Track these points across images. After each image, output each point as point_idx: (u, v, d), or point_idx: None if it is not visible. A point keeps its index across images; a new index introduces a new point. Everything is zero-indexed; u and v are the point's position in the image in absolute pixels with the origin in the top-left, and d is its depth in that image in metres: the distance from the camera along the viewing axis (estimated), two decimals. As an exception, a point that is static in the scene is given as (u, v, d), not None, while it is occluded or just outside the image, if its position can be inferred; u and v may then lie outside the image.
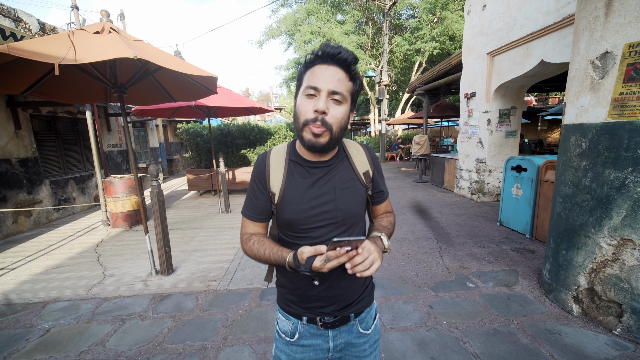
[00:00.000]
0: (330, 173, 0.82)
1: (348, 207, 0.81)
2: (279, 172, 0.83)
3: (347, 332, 0.87)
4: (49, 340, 2.05)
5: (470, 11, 5.53)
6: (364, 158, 0.88)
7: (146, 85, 3.19)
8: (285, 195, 0.81)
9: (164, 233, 2.81)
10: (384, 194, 0.93)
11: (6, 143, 4.44)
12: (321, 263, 0.64)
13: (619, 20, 1.77)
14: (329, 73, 0.71)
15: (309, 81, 0.72)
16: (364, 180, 0.85)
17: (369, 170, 0.87)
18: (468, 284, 2.63)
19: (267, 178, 0.83)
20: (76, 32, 2.13)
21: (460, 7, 13.03)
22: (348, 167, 0.85)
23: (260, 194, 0.84)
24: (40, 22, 4.56)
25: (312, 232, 0.79)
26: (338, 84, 0.71)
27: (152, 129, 10.14)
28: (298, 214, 0.79)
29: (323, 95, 0.70)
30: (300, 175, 0.81)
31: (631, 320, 1.86)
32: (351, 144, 0.89)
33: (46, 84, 2.68)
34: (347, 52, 0.71)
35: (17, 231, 4.51)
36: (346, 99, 0.73)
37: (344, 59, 0.71)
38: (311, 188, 0.80)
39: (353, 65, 0.73)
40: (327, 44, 0.72)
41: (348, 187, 0.82)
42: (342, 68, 0.72)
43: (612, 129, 1.86)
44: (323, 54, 0.71)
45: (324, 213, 0.79)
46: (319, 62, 0.72)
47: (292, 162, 0.84)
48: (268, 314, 2.26)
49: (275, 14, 16.68)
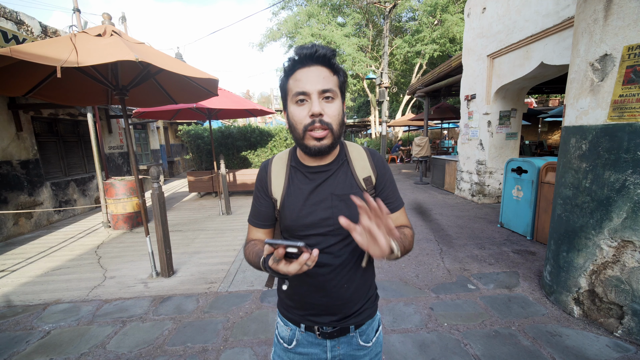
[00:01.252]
0: (329, 179, 0.80)
1: (345, 215, 0.77)
2: (281, 178, 0.83)
3: (347, 344, 0.85)
4: (49, 342, 2.04)
5: (470, 14, 5.55)
6: (365, 163, 0.83)
7: (147, 87, 3.20)
8: (285, 202, 0.81)
9: (164, 235, 2.81)
10: (391, 204, 0.83)
11: (7, 145, 4.45)
12: (273, 263, 0.60)
13: (618, 22, 1.78)
14: (312, 74, 0.69)
15: (295, 88, 0.70)
16: (364, 186, 0.81)
17: (370, 176, 0.82)
18: (469, 285, 2.63)
19: (269, 185, 0.83)
20: (78, 35, 2.15)
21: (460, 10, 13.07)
22: (348, 172, 0.81)
23: (263, 200, 0.85)
24: (42, 25, 4.59)
25: (310, 239, 0.78)
26: (325, 82, 0.69)
27: (153, 131, 10.16)
28: (296, 220, 0.79)
29: (314, 97, 0.69)
30: (300, 182, 0.81)
31: (632, 322, 1.85)
32: (354, 147, 0.86)
33: (48, 87, 2.70)
34: (324, 48, 0.69)
35: (18, 233, 4.52)
36: (336, 94, 0.72)
37: (322, 55, 0.69)
38: (310, 194, 0.79)
39: (333, 59, 0.70)
40: (300, 47, 0.70)
41: (347, 194, 0.78)
42: (323, 65, 0.70)
43: (612, 130, 1.86)
44: (300, 57, 0.69)
45: (321, 220, 0.77)
46: (298, 66, 0.70)
47: (292, 168, 0.83)
48: (269, 316, 2.26)
49: (276, 16, 16.77)
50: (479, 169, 5.48)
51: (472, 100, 5.58)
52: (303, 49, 0.69)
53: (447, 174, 6.90)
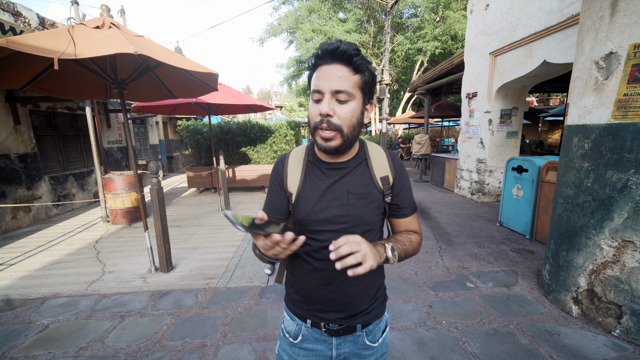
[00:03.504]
0: (347, 176, 0.79)
1: (360, 213, 0.78)
2: (297, 172, 0.82)
3: (352, 343, 0.85)
4: (47, 336, 2.04)
5: (473, 10, 5.50)
6: (384, 163, 0.82)
7: (146, 81, 3.17)
8: (300, 196, 0.80)
9: (163, 230, 2.80)
10: (403, 210, 0.83)
11: (5, 138, 4.42)
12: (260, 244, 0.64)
13: (625, 20, 1.76)
14: (330, 72, 0.68)
15: (313, 85, 0.71)
16: (381, 185, 0.80)
17: (388, 176, 0.81)
18: (468, 284, 2.63)
19: (285, 178, 0.83)
20: (76, 27, 2.11)
21: (462, 7, 12.96)
22: (366, 171, 0.81)
23: (277, 193, 0.85)
24: (39, 17, 4.52)
25: (321, 234, 0.78)
26: (340, 82, 0.68)
27: (152, 125, 10.10)
28: (309, 215, 0.78)
29: (326, 97, 0.68)
30: (316, 177, 0.80)
31: (630, 322, 1.86)
32: (374, 147, 0.86)
33: (46, 79, 2.66)
34: (346, 45, 0.67)
35: (16, 227, 4.50)
36: (353, 95, 0.69)
37: (342, 53, 0.67)
38: (327, 190, 0.78)
39: (355, 57, 0.68)
40: (325, 42, 0.69)
41: (363, 192, 0.78)
42: (343, 63, 0.68)
43: (616, 130, 1.85)
44: (322, 53, 0.69)
45: (335, 217, 0.77)
46: (320, 62, 0.70)
47: (309, 162, 0.83)
48: (267, 312, 2.26)
49: (277, 11, 16.58)
50: (479, 168, 5.47)
51: (474, 98, 5.55)
52: (325, 45, 0.69)
53: (447, 172, 6.89)
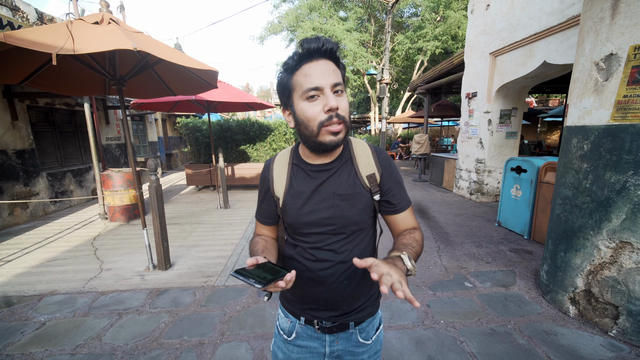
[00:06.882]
0: (332, 177, 0.78)
1: (347, 214, 0.77)
2: (282, 176, 0.82)
3: (345, 340, 0.85)
4: (44, 333, 2.03)
5: (473, 10, 5.49)
6: (370, 160, 0.81)
7: (146, 78, 3.15)
8: (286, 200, 0.80)
9: (162, 228, 2.79)
10: (396, 206, 0.81)
11: (2, 134, 4.39)
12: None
13: (625, 21, 1.76)
14: (322, 68, 0.67)
15: (306, 83, 0.67)
16: (368, 184, 0.78)
17: (374, 173, 0.79)
18: (466, 283, 2.64)
19: (272, 183, 0.84)
20: (75, 22, 2.09)
21: (463, 7, 12.94)
22: (351, 170, 0.79)
23: (265, 199, 0.87)
24: (38, 12, 4.49)
25: (310, 237, 0.79)
26: (335, 75, 0.68)
27: (151, 122, 10.06)
28: (296, 218, 0.79)
29: (328, 92, 0.67)
30: (302, 180, 0.80)
31: (627, 323, 1.87)
32: (358, 143, 0.84)
33: (44, 75, 2.64)
34: (329, 41, 0.67)
35: (13, 223, 4.48)
36: (343, 86, 0.71)
37: (329, 49, 0.67)
38: (312, 194, 0.78)
39: (338, 52, 0.69)
40: (305, 40, 0.67)
41: (349, 193, 0.77)
42: (330, 59, 0.69)
43: (615, 131, 1.85)
44: (308, 50, 0.66)
45: (322, 219, 0.77)
46: (305, 60, 0.67)
47: (294, 166, 0.82)
48: (265, 311, 2.26)
49: (277, 9, 16.51)
50: (478, 168, 5.48)
51: (473, 98, 5.56)
52: (309, 42, 0.66)
53: (446, 171, 6.90)
